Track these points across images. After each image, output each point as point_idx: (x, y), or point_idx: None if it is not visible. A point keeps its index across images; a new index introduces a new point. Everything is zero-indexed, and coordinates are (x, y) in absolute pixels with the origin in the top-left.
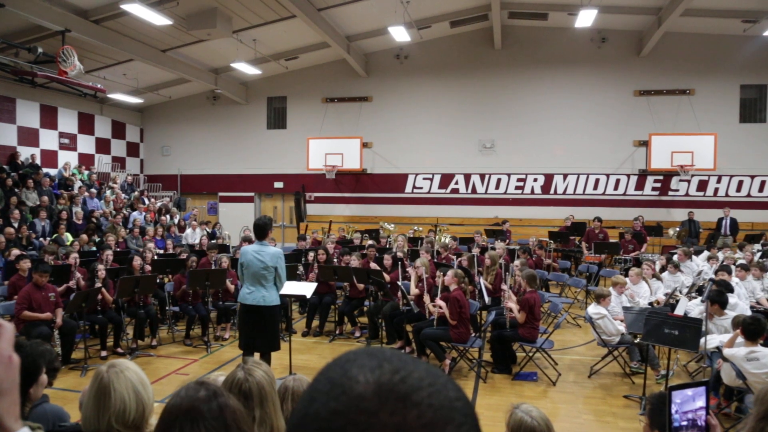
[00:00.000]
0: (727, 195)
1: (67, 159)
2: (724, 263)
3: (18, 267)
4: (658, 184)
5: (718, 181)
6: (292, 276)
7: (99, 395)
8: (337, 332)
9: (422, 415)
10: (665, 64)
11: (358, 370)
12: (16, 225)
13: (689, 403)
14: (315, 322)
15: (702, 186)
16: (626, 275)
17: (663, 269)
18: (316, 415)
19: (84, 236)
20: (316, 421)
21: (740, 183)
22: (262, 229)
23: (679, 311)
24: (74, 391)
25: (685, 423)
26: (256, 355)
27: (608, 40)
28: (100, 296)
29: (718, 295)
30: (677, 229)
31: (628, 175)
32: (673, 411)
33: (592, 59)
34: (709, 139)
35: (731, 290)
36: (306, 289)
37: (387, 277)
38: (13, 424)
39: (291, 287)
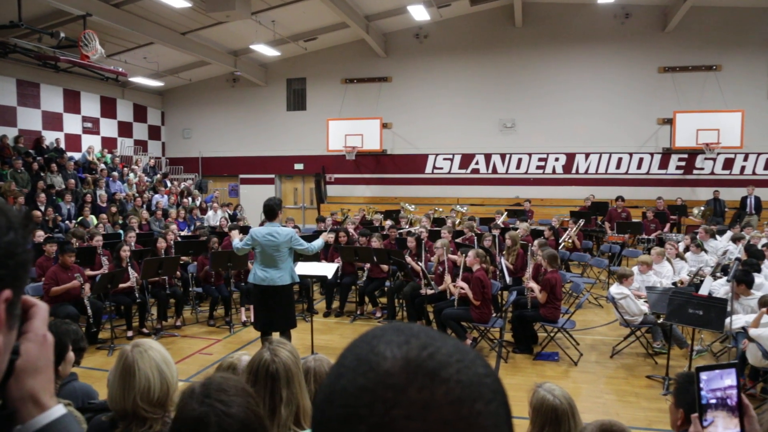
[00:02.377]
0: (754, 173)
1: (91, 143)
2: (751, 242)
3: (45, 249)
4: (683, 163)
5: (745, 159)
6: (314, 256)
7: (124, 374)
8: (358, 312)
9: (451, 392)
10: (691, 39)
11: (386, 346)
12: (42, 208)
13: (717, 380)
14: (336, 303)
15: (728, 164)
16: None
17: (687, 249)
18: (343, 391)
19: (104, 215)
20: (343, 397)
21: None
22: (272, 210)
23: (703, 291)
24: (102, 369)
25: (713, 401)
26: (275, 335)
27: (632, 16)
28: (133, 283)
29: (744, 275)
30: (701, 208)
31: (652, 154)
32: (701, 387)
33: (615, 36)
34: (735, 116)
35: (758, 270)
36: (327, 269)
37: (413, 264)
38: (48, 401)
39: (312, 267)
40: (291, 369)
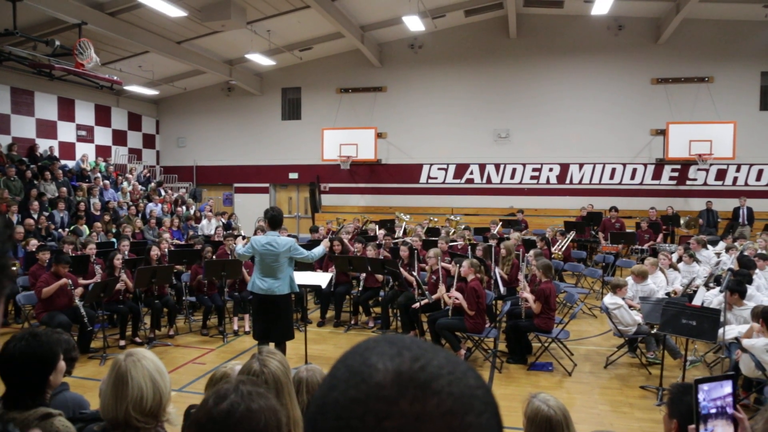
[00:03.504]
0: (746, 184)
1: (85, 151)
2: (745, 253)
3: (38, 257)
4: (676, 174)
5: (737, 170)
6: (308, 265)
7: (117, 383)
8: (353, 322)
9: (442, 404)
10: (683, 51)
11: (378, 358)
12: (35, 216)
13: (717, 389)
14: (331, 312)
15: (721, 175)
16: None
17: (680, 259)
18: (335, 403)
19: (97, 224)
20: (335, 409)
21: (760, 172)
22: (276, 220)
23: (697, 301)
24: (94, 379)
25: (713, 410)
26: (271, 345)
27: (625, 28)
28: (123, 286)
29: (737, 285)
30: (687, 218)
31: (645, 165)
32: (701, 398)
33: (608, 47)
34: (728, 128)
35: (750, 281)
36: (321, 279)
37: (406, 274)
38: None
39: (307, 277)
40: (280, 379)
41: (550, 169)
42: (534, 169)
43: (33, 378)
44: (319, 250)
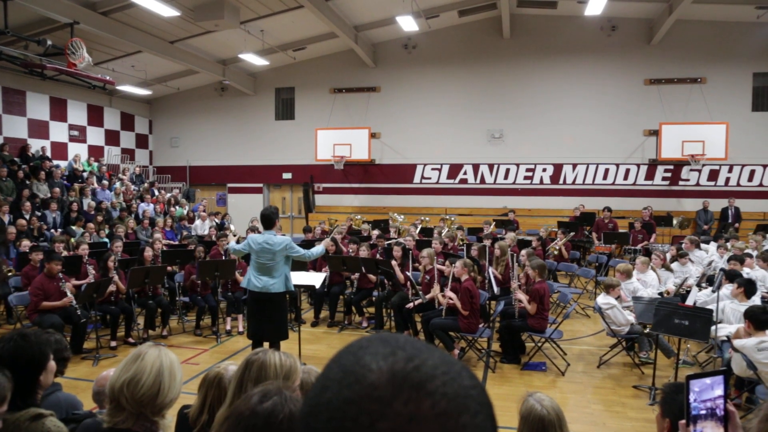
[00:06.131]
0: (738, 184)
1: (77, 151)
2: (732, 253)
3: (30, 258)
4: (669, 174)
5: (730, 171)
6: (302, 266)
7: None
8: (346, 322)
9: (436, 405)
10: (676, 52)
11: (371, 358)
12: (27, 216)
13: (708, 391)
14: (325, 313)
15: (713, 175)
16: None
17: (673, 259)
18: (328, 404)
19: (91, 224)
20: (328, 410)
21: (752, 172)
22: (269, 219)
23: (690, 301)
24: (87, 380)
25: (704, 412)
26: (265, 345)
27: (618, 29)
28: (113, 287)
29: (748, 284)
30: (680, 218)
31: (638, 165)
32: (691, 399)
33: (602, 48)
34: (720, 128)
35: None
36: (315, 278)
37: (400, 274)
38: None
39: (300, 277)
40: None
41: (544, 170)
42: (527, 170)
43: (22, 379)
44: (317, 249)
